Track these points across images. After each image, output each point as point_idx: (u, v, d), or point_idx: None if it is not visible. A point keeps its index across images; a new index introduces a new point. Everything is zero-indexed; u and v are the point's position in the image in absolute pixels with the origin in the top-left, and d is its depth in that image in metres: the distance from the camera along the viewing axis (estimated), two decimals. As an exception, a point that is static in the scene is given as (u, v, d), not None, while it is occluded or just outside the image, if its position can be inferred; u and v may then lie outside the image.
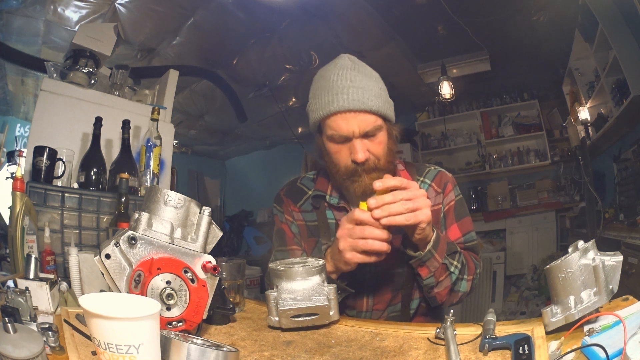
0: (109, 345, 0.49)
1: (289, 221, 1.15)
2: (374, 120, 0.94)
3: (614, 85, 2.59)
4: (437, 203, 1.08)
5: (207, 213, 0.76)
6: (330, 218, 1.10)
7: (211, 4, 2.64)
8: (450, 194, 1.10)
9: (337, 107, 0.92)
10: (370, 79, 0.96)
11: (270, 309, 0.81)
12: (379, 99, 0.94)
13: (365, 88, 0.93)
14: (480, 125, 4.27)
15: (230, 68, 3.42)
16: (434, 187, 1.10)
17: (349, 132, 0.93)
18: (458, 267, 0.96)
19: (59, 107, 1.47)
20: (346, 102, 0.92)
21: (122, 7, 2.53)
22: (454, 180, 1.12)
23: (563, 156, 3.93)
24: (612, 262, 0.63)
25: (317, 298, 0.81)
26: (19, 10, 2.49)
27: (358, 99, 0.92)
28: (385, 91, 0.99)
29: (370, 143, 0.95)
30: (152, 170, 1.43)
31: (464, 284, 0.99)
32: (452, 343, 0.63)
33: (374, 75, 0.99)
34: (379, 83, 0.98)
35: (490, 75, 3.56)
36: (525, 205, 4.02)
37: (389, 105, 0.98)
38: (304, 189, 1.15)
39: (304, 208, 1.14)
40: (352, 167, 0.96)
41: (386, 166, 0.99)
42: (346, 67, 0.96)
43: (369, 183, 0.95)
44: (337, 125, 0.94)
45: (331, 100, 0.93)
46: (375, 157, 0.96)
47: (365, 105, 0.92)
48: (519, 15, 2.77)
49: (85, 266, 1.01)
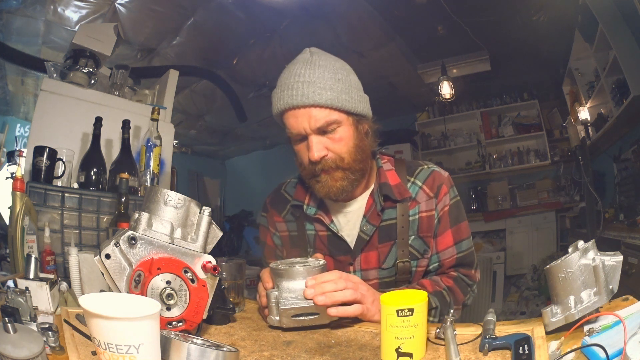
0: (109, 345, 0.49)
1: (271, 232, 1.12)
2: (325, 114, 0.88)
3: (614, 85, 2.59)
4: (429, 209, 1.00)
5: (207, 213, 0.76)
6: (309, 229, 1.04)
7: (211, 4, 2.64)
8: (444, 198, 1.00)
9: (284, 105, 0.89)
10: (325, 71, 0.89)
11: (271, 309, 0.81)
12: (330, 92, 0.87)
13: (313, 82, 0.87)
14: (480, 125, 4.27)
15: (230, 68, 3.42)
16: (425, 191, 1.00)
17: (300, 129, 0.89)
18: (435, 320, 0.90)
19: (59, 107, 1.47)
20: (291, 99, 0.88)
21: (122, 7, 2.53)
22: (449, 181, 1.03)
23: (563, 156, 3.93)
24: (612, 262, 0.63)
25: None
26: (19, 10, 2.50)
27: (302, 94, 0.86)
28: (347, 82, 0.91)
29: (328, 140, 0.90)
30: (152, 170, 1.43)
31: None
32: (452, 343, 0.63)
33: (333, 67, 0.91)
34: (337, 74, 0.90)
35: (490, 75, 3.56)
36: (525, 205, 4.01)
37: (348, 99, 0.90)
38: (287, 197, 1.09)
39: (287, 218, 1.08)
40: (311, 168, 0.92)
41: (352, 166, 0.92)
42: (299, 62, 0.92)
43: (332, 184, 0.91)
44: (289, 123, 0.90)
45: (280, 97, 0.90)
46: (336, 155, 0.90)
47: (311, 100, 0.86)
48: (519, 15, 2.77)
49: (85, 266, 1.01)
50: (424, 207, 1.00)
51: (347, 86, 0.91)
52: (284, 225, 1.10)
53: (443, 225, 1.01)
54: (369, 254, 1.00)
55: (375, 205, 0.99)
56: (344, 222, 1.03)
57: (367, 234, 0.99)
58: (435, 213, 1.00)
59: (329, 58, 0.94)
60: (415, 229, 1.00)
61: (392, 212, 1.00)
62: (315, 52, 0.94)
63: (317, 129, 0.89)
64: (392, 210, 1.00)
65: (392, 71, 3.56)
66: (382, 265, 1.00)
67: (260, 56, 3.27)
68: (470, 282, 1.02)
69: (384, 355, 0.66)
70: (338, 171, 0.92)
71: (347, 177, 0.93)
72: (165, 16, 2.69)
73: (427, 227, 1.00)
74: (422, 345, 0.66)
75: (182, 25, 2.81)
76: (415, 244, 1.00)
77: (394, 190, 0.98)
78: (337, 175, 0.92)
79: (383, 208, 0.99)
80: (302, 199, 1.04)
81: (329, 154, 0.90)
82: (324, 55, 0.94)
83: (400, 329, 0.64)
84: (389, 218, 1.00)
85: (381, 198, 0.99)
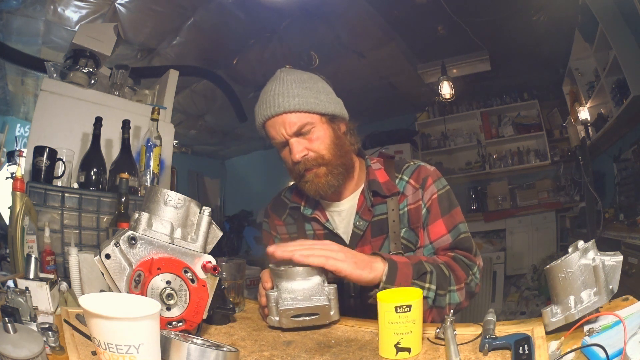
0: (109, 345, 0.49)
1: (273, 235, 1.18)
2: (297, 118, 0.97)
3: (614, 85, 2.59)
4: (416, 200, 1.04)
5: (207, 213, 0.76)
6: (308, 229, 1.11)
7: (211, 4, 2.64)
8: (430, 188, 1.04)
9: (262, 118, 1.00)
10: (292, 83, 0.99)
11: (271, 309, 0.81)
12: (298, 98, 0.97)
13: (282, 93, 0.97)
14: (480, 125, 4.27)
15: (230, 68, 3.42)
16: (411, 184, 1.06)
17: (280, 135, 0.99)
18: (432, 287, 0.89)
19: (59, 107, 1.47)
20: (266, 111, 0.99)
21: (122, 7, 2.53)
22: (436, 174, 1.07)
23: (563, 156, 3.93)
24: (612, 262, 0.63)
25: (317, 298, 0.80)
26: (19, 10, 2.49)
27: (275, 104, 0.97)
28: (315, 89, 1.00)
29: (307, 141, 0.99)
30: (152, 170, 1.43)
31: (454, 296, 0.93)
32: (452, 343, 0.63)
33: (300, 78, 1.01)
34: (305, 83, 1.00)
35: (490, 75, 3.56)
36: (525, 205, 4.01)
37: (317, 102, 0.99)
38: (286, 200, 1.16)
39: (287, 221, 1.15)
40: (296, 169, 1.00)
41: (333, 161, 1.00)
42: (272, 81, 1.02)
43: (318, 181, 0.99)
44: (270, 133, 1.01)
45: (258, 113, 1.02)
46: (316, 153, 0.98)
47: (282, 108, 0.97)
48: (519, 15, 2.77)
49: (85, 266, 1.01)
50: (411, 200, 1.05)
51: (314, 92, 1.00)
52: (284, 228, 1.16)
53: (433, 215, 1.03)
54: (364, 249, 1.04)
55: (366, 201, 1.05)
56: (339, 221, 1.09)
57: (361, 229, 1.04)
58: (422, 203, 1.04)
59: (297, 72, 1.04)
60: (406, 221, 1.04)
61: (383, 207, 1.05)
62: (285, 71, 1.05)
63: (293, 132, 0.98)
64: (382, 205, 1.05)
65: (392, 71, 3.56)
66: None
67: (260, 56, 3.26)
68: (470, 263, 1.00)
69: (382, 351, 0.67)
70: (321, 168, 0.99)
71: (331, 172, 1.00)
72: (165, 16, 2.69)
73: (415, 218, 1.04)
74: (419, 340, 0.68)
75: (182, 25, 2.81)
76: (408, 236, 1.04)
77: (383, 187, 1.05)
78: (320, 171, 0.99)
79: (373, 204, 1.05)
80: (299, 201, 1.12)
81: (309, 153, 0.99)
82: (293, 71, 1.04)
83: (398, 325, 0.65)
84: (380, 213, 1.05)
85: (370, 194, 1.05)
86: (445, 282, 0.92)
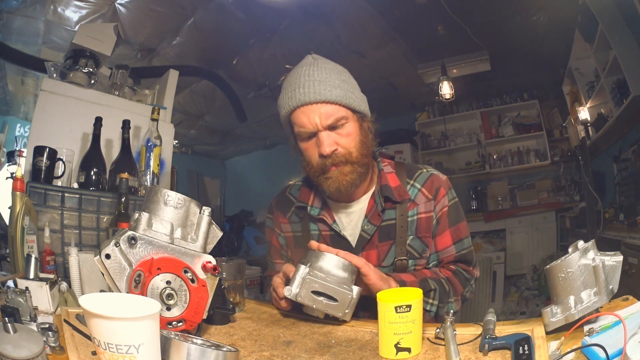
0: (109, 345, 0.49)
1: (276, 233, 1.16)
2: (335, 110, 0.93)
3: (614, 85, 2.59)
4: (427, 210, 1.04)
5: (207, 213, 0.76)
6: (313, 229, 1.09)
7: (211, 4, 2.64)
8: (443, 200, 1.05)
9: (296, 102, 0.93)
10: (331, 72, 0.95)
11: (293, 279, 0.82)
12: (339, 89, 0.93)
13: (323, 81, 0.93)
14: (480, 125, 4.27)
15: (230, 68, 3.42)
16: (424, 193, 1.05)
17: (312, 125, 0.93)
18: (435, 303, 0.95)
19: (59, 107, 1.47)
20: (303, 96, 0.92)
21: (122, 7, 2.53)
22: (447, 184, 1.07)
23: (563, 156, 3.93)
24: (612, 262, 0.63)
25: (344, 287, 0.83)
26: (19, 10, 2.49)
27: (314, 91, 0.92)
28: (350, 83, 0.98)
29: (337, 135, 0.95)
30: (152, 170, 1.43)
31: (451, 306, 0.99)
32: (452, 343, 0.63)
33: (337, 69, 0.98)
34: (342, 75, 0.97)
35: (490, 75, 3.56)
36: (525, 205, 4.01)
37: (354, 97, 0.97)
38: (292, 199, 1.14)
39: (292, 219, 1.13)
40: (322, 163, 0.95)
41: (359, 160, 0.97)
42: (306, 65, 0.98)
43: (343, 178, 0.96)
44: (300, 120, 0.94)
45: (291, 96, 0.95)
46: (345, 150, 0.95)
47: (323, 96, 0.92)
48: (519, 15, 2.77)
49: (85, 266, 1.01)
50: (423, 209, 1.04)
51: (351, 86, 0.97)
52: (289, 227, 1.14)
53: (442, 226, 1.05)
54: (370, 253, 1.03)
55: (376, 206, 1.03)
56: (347, 222, 1.07)
57: (368, 233, 1.03)
58: (433, 214, 1.05)
59: (331, 62, 1.01)
60: (413, 229, 1.04)
61: (391, 212, 1.04)
62: (318, 57, 1.01)
63: (328, 125, 0.93)
64: (391, 211, 1.04)
65: (392, 71, 3.56)
66: (382, 263, 1.03)
67: (260, 56, 3.27)
68: (469, 277, 1.06)
69: (382, 351, 0.67)
70: (347, 165, 0.96)
71: (356, 170, 0.97)
72: (165, 16, 2.69)
73: (425, 228, 1.04)
74: (419, 340, 0.68)
75: (182, 25, 2.81)
76: (414, 244, 1.03)
77: (394, 192, 1.03)
78: (346, 169, 0.96)
79: (384, 209, 1.03)
80: (306, 200, 1.09)
81: (338, 149, 0.95)
82: (327, 60, 1.01)
83: (398, 325, 0.66)
84: (388, 218, 1.04)
85: (382, 199, 1.03)
86: (446, 297, 0.97)
